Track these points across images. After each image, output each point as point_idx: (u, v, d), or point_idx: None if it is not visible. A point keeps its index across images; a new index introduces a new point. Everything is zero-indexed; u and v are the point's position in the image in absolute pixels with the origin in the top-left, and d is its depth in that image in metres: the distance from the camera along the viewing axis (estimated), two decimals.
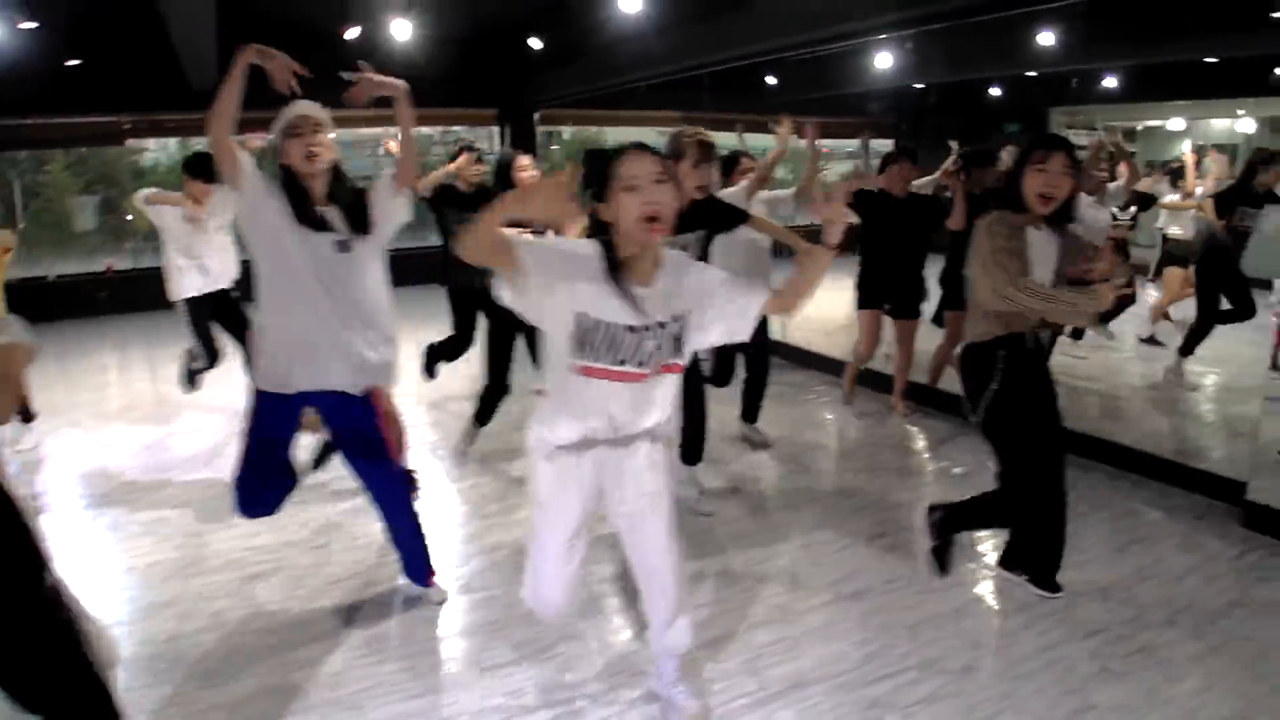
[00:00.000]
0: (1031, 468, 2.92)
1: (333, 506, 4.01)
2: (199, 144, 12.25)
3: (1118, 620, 2.96)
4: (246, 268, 3.76)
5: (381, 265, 3.00)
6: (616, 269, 2.09)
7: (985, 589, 3.24)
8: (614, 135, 15.22)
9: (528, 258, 2.01)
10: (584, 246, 2.13)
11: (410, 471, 3.56)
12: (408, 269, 5.14)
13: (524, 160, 4.52)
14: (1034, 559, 3.17)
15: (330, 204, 2.91)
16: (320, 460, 3.94)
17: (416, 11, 7.64)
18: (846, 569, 3.35)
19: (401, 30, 7.82)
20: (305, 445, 3.45)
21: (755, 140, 7.34)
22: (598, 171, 2.10)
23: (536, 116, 11.86)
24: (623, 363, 2.12)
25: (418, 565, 3.19)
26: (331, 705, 2.58)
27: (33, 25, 6.85)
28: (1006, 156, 5.02)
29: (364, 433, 2.95)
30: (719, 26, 6.87)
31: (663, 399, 2.25)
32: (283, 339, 2.87)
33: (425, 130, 13.98)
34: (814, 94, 10.12)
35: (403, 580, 3.24)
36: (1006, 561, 3.26)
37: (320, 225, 2.85)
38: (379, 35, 8.21)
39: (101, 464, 4.77)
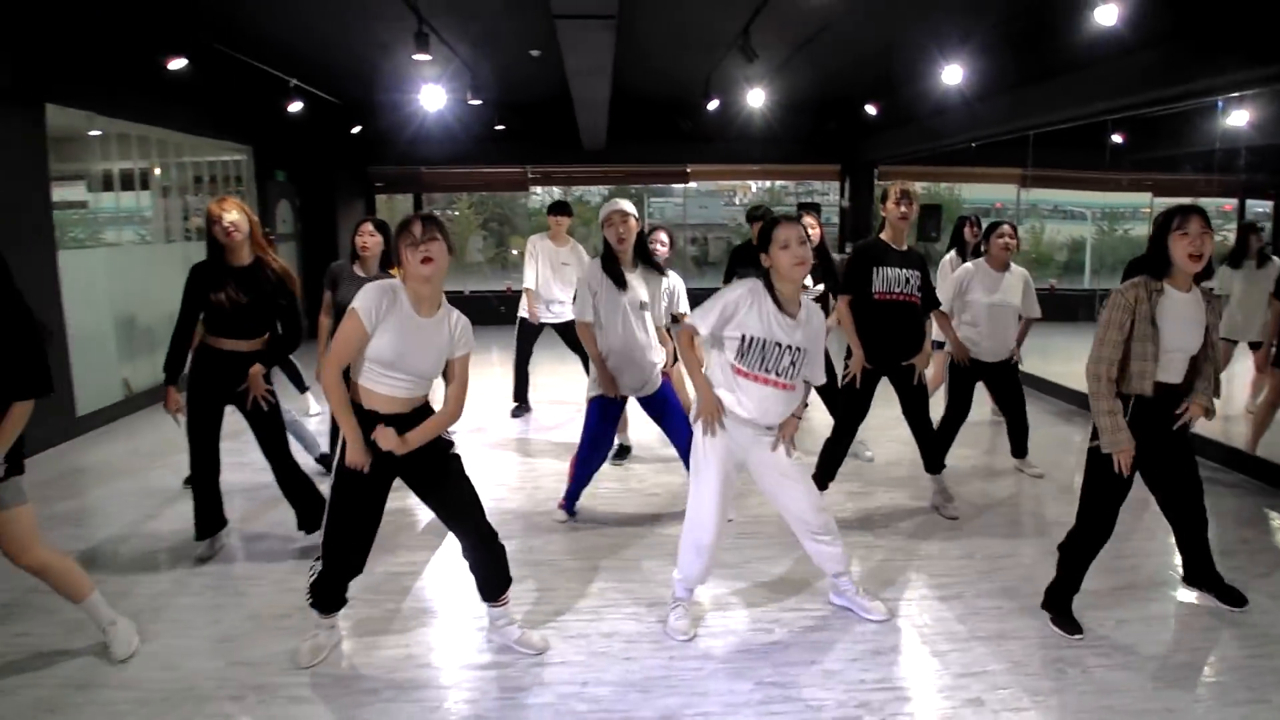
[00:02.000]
0: (1103, 504, 3.21)
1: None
2: (580, 191, 14.76)
3: None
4: None
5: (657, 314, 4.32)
6: (778, 300, 3.08)
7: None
8: (960, 196, 15.58)
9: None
10: (745, 292, 3.09)
11: None
12: None
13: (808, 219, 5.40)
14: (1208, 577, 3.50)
15: (635, 269, 4.24)
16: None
17: (768, 82, 8.88)
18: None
19: (756, 98, 9.11)
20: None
21: (1090, 198, 7.48)
22: (765, 232, 3.09)
23: (876, 171, 12.68)
24: (767, 371, 3.08)
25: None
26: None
27: (476, 102, 9.13)
28: None
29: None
30: (1049, 90, 7.28)
31: (788, 408, 3.16)
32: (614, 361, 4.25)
33: (780, 183, 15.47)
34: (1171, 150, 9.78)
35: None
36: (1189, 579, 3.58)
37: (623, 285, 4.19)
38: (737, 103, 9.62)
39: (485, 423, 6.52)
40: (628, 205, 4.24)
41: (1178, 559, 3.69)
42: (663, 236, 5.32)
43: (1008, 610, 3.50)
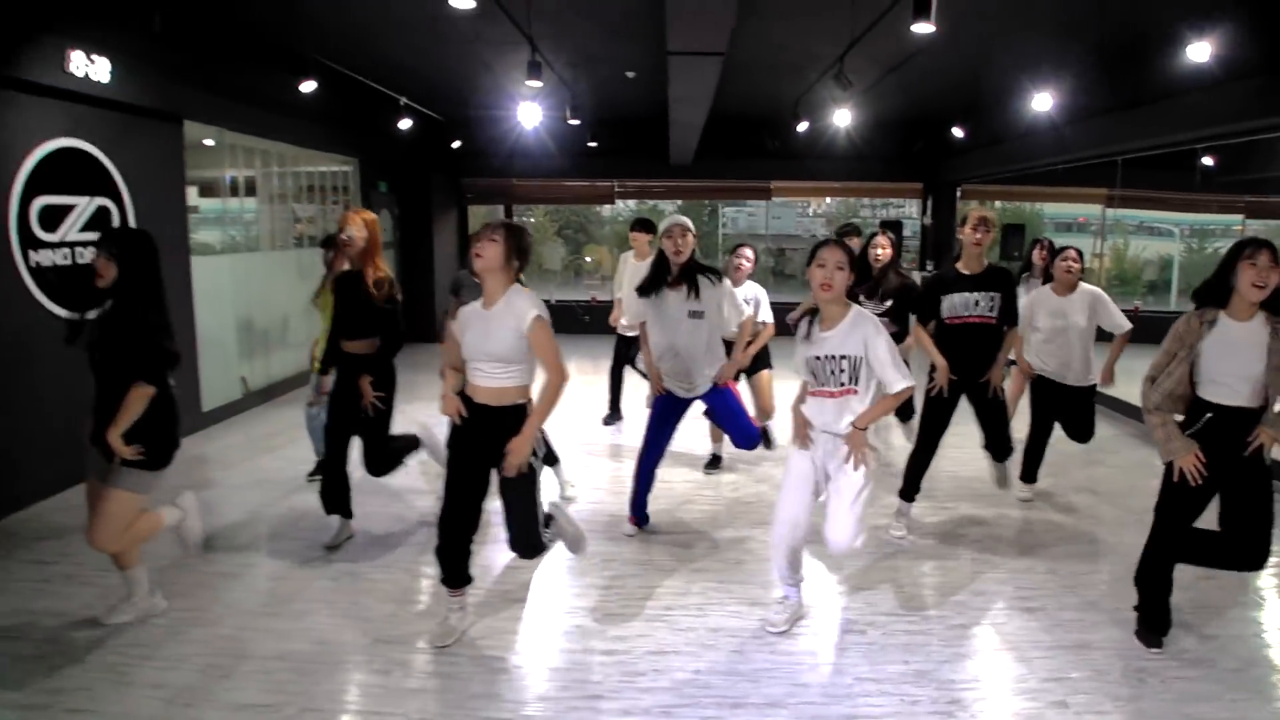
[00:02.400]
0: (1173, 520, 3.36)
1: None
2: (668, 205, 15.09)
3: None
4: None
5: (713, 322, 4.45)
6: (813, 318, 3.39)
7: None
8: (1041, 211, 15.55)
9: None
10: (802, 324, 3.45)
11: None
12: None
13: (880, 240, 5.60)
14: None
15: (681, 281, 4.38)
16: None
17: (855, 103, 9.09)
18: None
19: (843, 119, 9.31)
20: None
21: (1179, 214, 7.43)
22: (812, 251, 3.34)
23: (959, 190, 12.75)
24: (821, 385, 3.35)
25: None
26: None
27: (575, 122, 9.57)
28: None
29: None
30: (1139, 117, 7.35)
31: (852, 414, 3.33)
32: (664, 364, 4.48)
33: (865, 200, 15.66)
34: (1264, 173, 9.69)
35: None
36: None
37: (660, 293, 4.43)
38: (824, 123, 9.84)
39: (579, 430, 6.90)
40: (688, 221, 4.47)
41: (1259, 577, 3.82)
42: (747, 253, 5.58)
43: (1089, 623, 3.69)
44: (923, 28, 4.46)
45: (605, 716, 3.00)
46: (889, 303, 5.56)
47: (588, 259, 17.83)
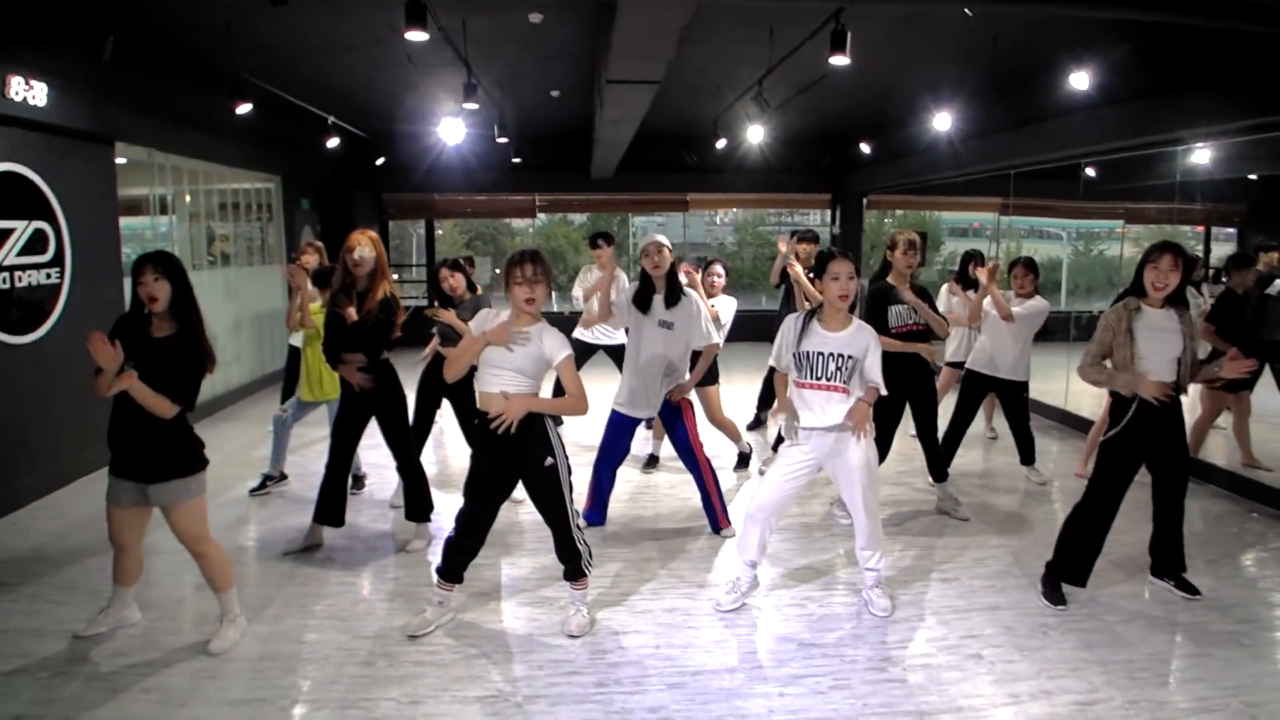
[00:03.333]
0: (1109, 489, 3.87)
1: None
2: (583, 218, 15.39)
3: None
4: None
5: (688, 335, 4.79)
6: (812, 318, 3.76)
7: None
8: (941, 217, 16.47)
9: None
10: (791, 321, 3.84)
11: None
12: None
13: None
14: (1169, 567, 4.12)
15: (669, 293, 4.75)
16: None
17: (766, 118, 9.61)
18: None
19: (757, 134, 9.82)
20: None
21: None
22: (822, 261, 3.77)
23: (865, 200, 13.47)
24: (819, 378, 3.71)
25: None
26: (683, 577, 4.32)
27: (503, 140, 9.84)
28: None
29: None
30: (1029, 135, 8.05)
31: (840, 409, 3.69)
32: (633, 380, 4.78)
33: (772, 210, 16.27)
34: (1141, 182, 10.53)
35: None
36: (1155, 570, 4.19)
37: (648, 309, 4.74)
38: (739, 139, 10.34)
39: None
40: (664, 239, 4.82)
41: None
42: (719, 269, 5.95)
43: (998, 588, 4.19)
44: (839, 60, 4.92)
45: (582, 687, 3.30)
46: None
47: (496, 270, 17.91)
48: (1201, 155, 8.90)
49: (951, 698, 3.23)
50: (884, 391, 3.79)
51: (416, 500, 4.75)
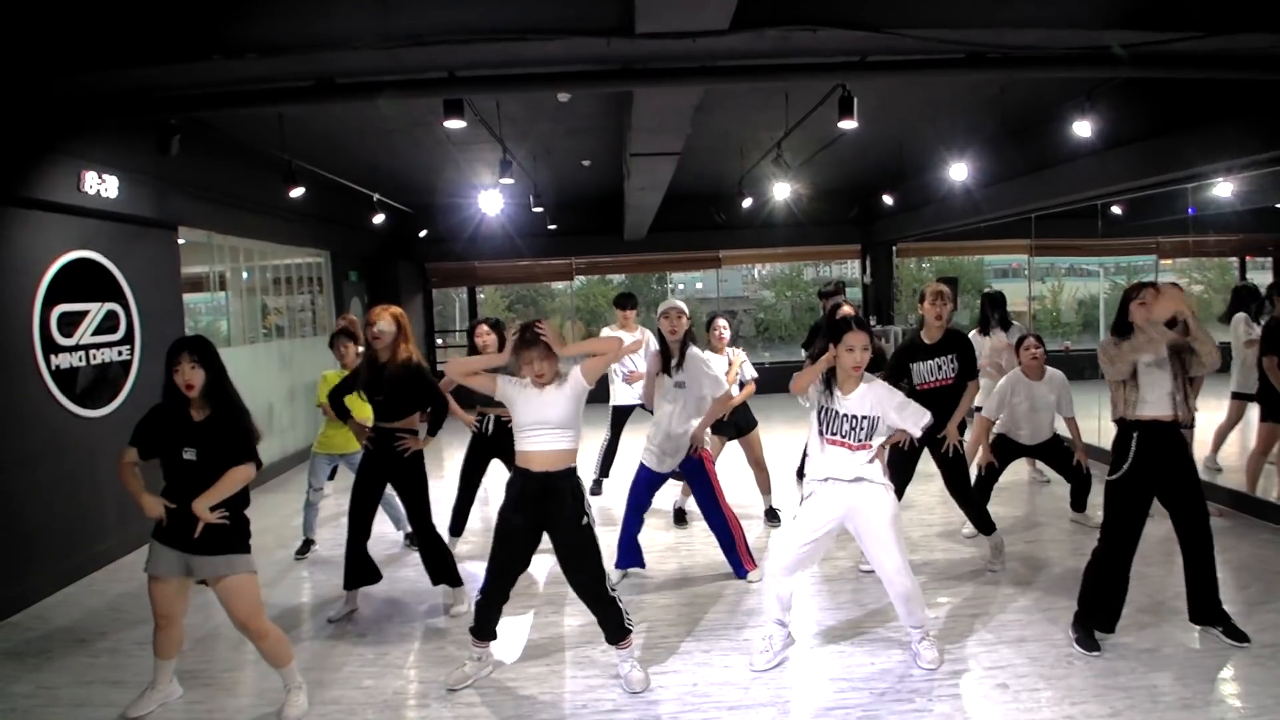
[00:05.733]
0: (1122, 528, 3.90)
1: None
2: (620, 277, 15.77)
3: None
4: None
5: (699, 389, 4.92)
6: (830, 384, 3.81)
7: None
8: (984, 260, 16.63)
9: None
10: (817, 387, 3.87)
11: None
12: None
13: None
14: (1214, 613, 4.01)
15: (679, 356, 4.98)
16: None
17: (793, 176, 9.95)
18: None
19: (782, 191, 10.14)
20: None
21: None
22: (838, 330, 3.80)
23: (894, 249, 13.72)
24: (835, 434, 3.82)
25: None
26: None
27: (539, 210, 10.32)
28: None
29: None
30: (1044, 180, 8.28)
31: (859, 461, 3.77)
32: (656, 436, 5.02)
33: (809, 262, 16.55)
34: (1164, 217, 10.58)
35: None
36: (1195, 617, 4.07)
37: (668, 371, 5.02)
38: (766, 195, 10.68)
39: None
40: (682, 305, 5.09)
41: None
42: (721, 323, 6.18)
43: (1025, 622, 4.31)
44: (847, 124, 5.22)
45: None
46: None
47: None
48: (1224, 189, 9.08)
49: None
50: (925, 423, 3.85)
51: (441, 568, 4.80)
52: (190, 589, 3.66)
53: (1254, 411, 6.29)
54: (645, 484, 5.16)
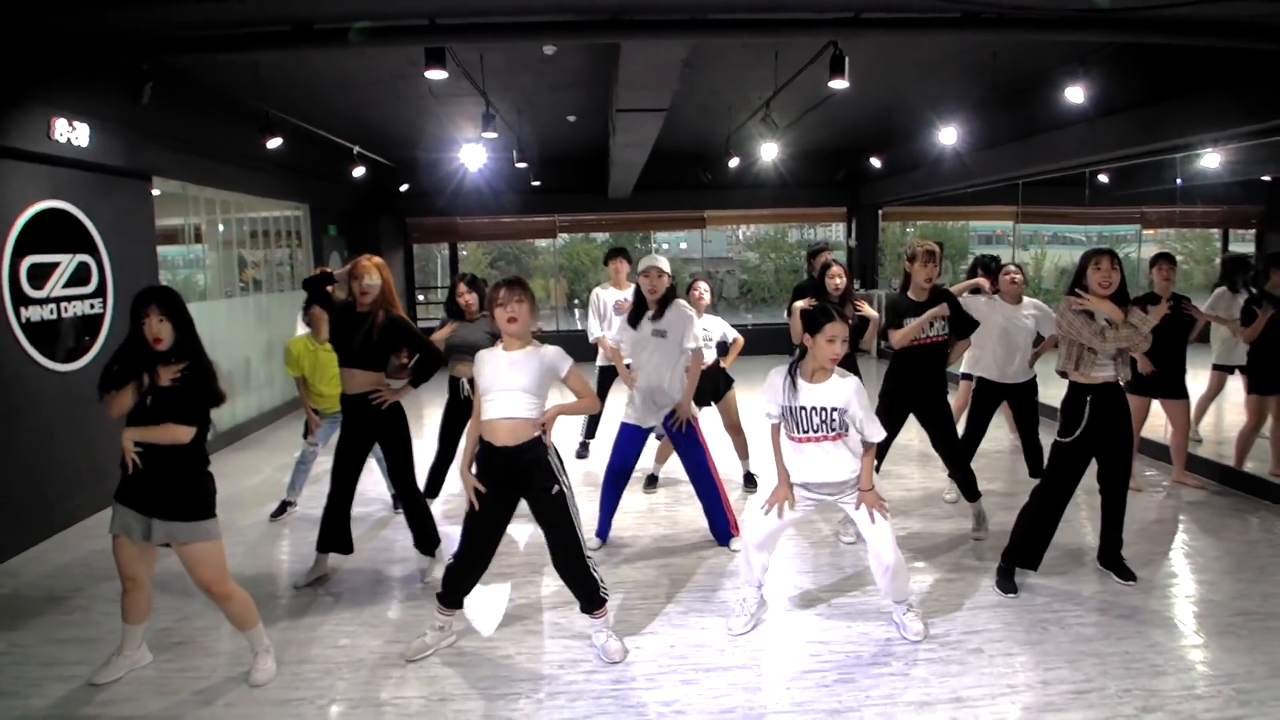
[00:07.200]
0: (1060, 484, 4.17)
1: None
2: (605, 236, 15.65)
3: None
4: None
5: (681, 339, 4.87)
6: (795, 373, 3.69)
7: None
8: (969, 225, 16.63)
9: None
10: (775, 374, 3.76)
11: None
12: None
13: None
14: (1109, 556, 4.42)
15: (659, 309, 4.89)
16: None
17: (780, 137, 9.84)
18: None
19: (769, 152, 10.04)
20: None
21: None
22: (817, 321, 3.63)
23: (880, 213, 13.66)
24: (807, 432, 3.70)
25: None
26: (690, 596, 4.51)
27: (522, 165, 10.16)
28: None
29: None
30: (1032, 146, 8.22)
31: (839, 458, 3.72)
32: (638, 391, 4.98)
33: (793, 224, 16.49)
34: (1149, 187, 10.60)
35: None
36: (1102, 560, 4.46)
37: (637, 324, 4.97)
38: (753, 156, 10.57)
39: None
40: (664, 263, 4.99)
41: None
42: (703, 286, 6.09)
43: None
44: (838, 84, 5.12)
45: (599, 684, 3.52)
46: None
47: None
48: (1211, 160, 9.08)
49: (952, 689, 3.39)
50: (878, 439, 3.77)
51: (422, 531, 4.75)
52: (155, 552, 3.56)
53: (1235, 383, 6.34)
54: (629, 441, 5.08)
